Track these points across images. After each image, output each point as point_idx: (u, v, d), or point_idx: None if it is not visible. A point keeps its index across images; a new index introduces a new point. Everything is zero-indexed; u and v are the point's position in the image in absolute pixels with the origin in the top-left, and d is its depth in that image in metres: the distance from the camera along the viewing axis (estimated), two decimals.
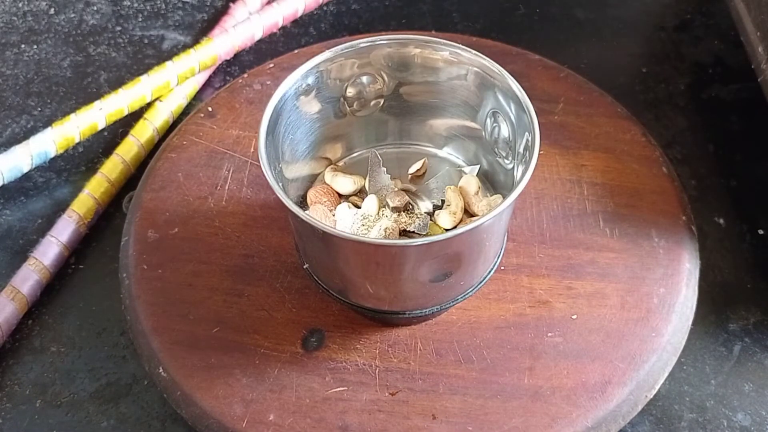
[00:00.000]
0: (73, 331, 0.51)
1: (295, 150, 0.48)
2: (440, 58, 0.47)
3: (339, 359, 0.47)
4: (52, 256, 0.52)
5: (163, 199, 0.53)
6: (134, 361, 0.49)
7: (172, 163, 0.55)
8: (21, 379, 0.49)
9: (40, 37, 0.67)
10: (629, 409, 0.45)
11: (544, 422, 0.44)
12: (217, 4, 0.69)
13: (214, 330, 0.48)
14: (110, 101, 0.58)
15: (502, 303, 0.48)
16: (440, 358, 0.47)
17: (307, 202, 0.49)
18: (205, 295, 0.49)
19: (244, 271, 0.50)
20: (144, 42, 0.67)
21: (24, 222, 0.56)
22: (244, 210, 0.53)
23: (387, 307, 0.46)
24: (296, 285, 0.49)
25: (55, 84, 0.64)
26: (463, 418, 0.44)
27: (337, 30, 0.67)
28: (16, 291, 0.50)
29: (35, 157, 0.56)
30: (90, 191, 0.55)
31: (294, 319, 0.48)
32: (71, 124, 0.57)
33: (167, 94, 0.60)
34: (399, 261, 0.42)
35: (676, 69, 0.65)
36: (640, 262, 0.49)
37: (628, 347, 0.46)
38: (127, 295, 0.49)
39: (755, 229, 0.55)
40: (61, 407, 0.48)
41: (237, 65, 0.65)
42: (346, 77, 0.48)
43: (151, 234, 0.51)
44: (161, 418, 0.48)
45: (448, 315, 0.48)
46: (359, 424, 0.44)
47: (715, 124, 0.61)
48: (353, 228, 0.48)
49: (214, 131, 0.56)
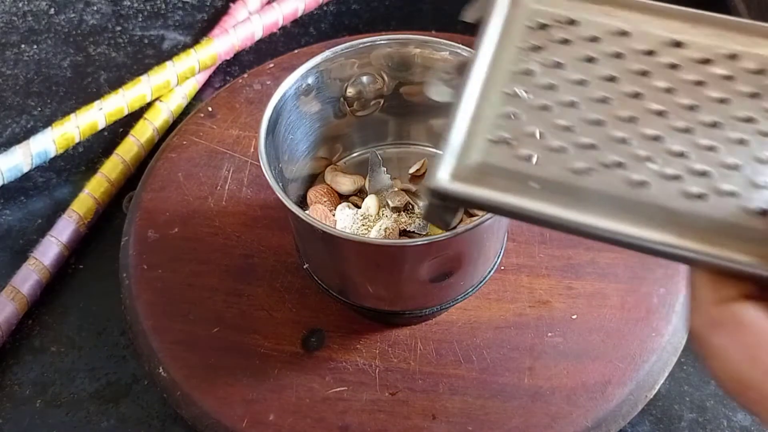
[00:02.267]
0: (73, 331, 0.51)
1: (295, 150, 0.48)
2: (440, 58, 0.47)
3: (339, 359, 0.47)
4: (52, 256, 0.52)
5: (163, 199, 0.53)
6: (134, 361, 0.49)
7: (172, 163, 0.55)
8: (21, 379, 0.49)
9: (40, 37, 0.67)
10: (629, 409, 0.45)
11: (544, 422, 0.44)
12: (217, 4, 0.69)
13: (214, 330, 0.48)
14: (110, 101, 0.58)
15: (502, 303, 0.48)
16: (440, 358, 0.47)
17: (307, 202, 0.49)
18: (205, 295, 0.49)
19: (244, 271, 0.50)
20: (144, 42, 0.67)
21: (24, 222, 0.56)
22: (244, 210, 0.52)
23: (387, 307, 0.46)
24: (296, 285, 0.49)
25: (55, 84, 0.64)
26: (463, 418, 0.44)
27: (337, 30, 0.67)
28: (16, 291, 0.50)
29: (35, 157, 0.56)
30: (90, 191, 0.55)
31: (294, 319, 0.48)
32: (71, 124, 0.57)
33: (167, 94, 0.60)
34: (399, 261, 0.42)
35: None
36: (640, 262, 0.49)
37: (628, 347, 0.46)
38: (127, 295, 0.49)
39: None
40: (61, 407, 0.48)
41: (237, 65, 0.65)
42: (346, 77, 0.48)
43: (151, 234, 0.51)
44: (161, 418, 0.48)
45: (448, 315, 0.48)
46: (359, 424, 0.44)
47: None
48: (353, 228, 0.48)
49: (214, 131, 0.56)
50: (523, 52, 0.28)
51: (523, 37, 0.28)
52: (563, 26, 0.28)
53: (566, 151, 0.27)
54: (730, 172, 0.26)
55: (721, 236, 0.25)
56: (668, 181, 0.26)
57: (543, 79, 0.28)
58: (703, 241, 0.25)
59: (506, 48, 0.28)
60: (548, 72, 0.28)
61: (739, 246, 0.25)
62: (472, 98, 0.27)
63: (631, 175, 0.26)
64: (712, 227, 0.26)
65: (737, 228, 0.26)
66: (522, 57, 0.28)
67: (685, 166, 0.26)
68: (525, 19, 0.28)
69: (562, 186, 0.26)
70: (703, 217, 0.26)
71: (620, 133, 0.27)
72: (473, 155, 0.27)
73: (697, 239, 0.26)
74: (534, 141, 0.27)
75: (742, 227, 0.25)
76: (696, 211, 0.26)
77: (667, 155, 0.26)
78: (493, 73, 0.28)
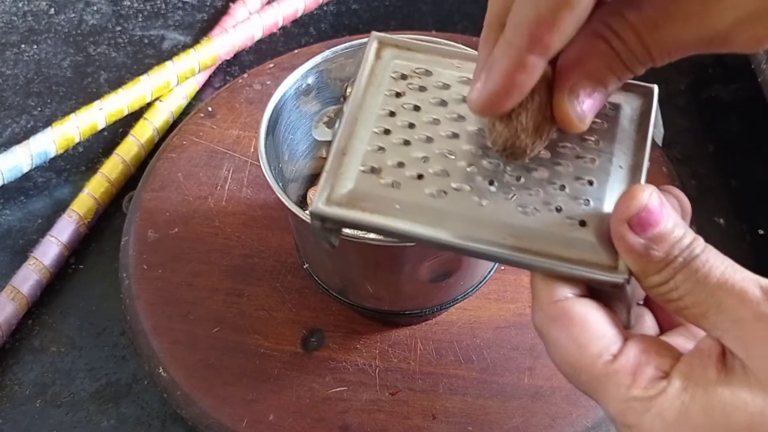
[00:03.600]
0: (73, 331, 0.51)
1: (295, 150, 0.48)
2: None
3: (339, 359, 0.47)
4: (52, 256, 0.52)
5: (163, 199, 0.53)
6: (134, 361, 0.49)
7: (172, 163, 0.55)
8: (21, 379, 0.49)
9: (40, 37, 0.67)
10: None
11: (544, 422, 0.44)
12: (217, 4, 0.69)
13: (214, 330, 0.48)
14: (110, 101, 0.58)
15: (502, 303, 0.48)
16: (440, 358, 0.47)
17: (307, 202, 0.49)
18: (205, 295, 0.49)
19: (244, 271, 0.50)
20: (144, 42, 0.67)
21: (24, 222, 0.56)
22: (244, 210, 0.53)
23: (387, 307, 0.46)
24: (296, 285, 0.49)
25: (55, 84, 0.64)
26: (463, 418, 0.44)
27: (337, 30, 0.67)
28: (16, 291, 0.50)
29: (35, 157, 0.56)
30: (90, 191, 0.55)
31: (294, 319, 0.48)
32: (71, 124, 0.57)
33: (167, 94, 0.60)
34: (399, 261, 0.42)
35: (676, 69, 0.65)
36: None
37: None
38: (127, 295, 0.49)
39: (755, 229, 0.55)
40: (61, 407, 0.48)
41: (237, 65, 0.65)
42: (346, 77, 0.48)
43: (151, 234, 0.51)
44: (161, 418, 0.48)
45: (448, 315, 0.48)
46: (359, 424, 0.44)
47: (715, 124, 0.61)
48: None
49: (214, 131, 0.56)
50: (387, 98, 0.34)
51: (388, 85, 0.34)
52: (419, 76, 0.34)
53: (422, 178, 0.32)
54: (555, 192, 0.32)
55: (551, 245, 0.31)
56: (508, 201, 0.31)
57: (404, 118, 0.33)
58: (537, 249, 0.31)
59: (374, 95, 0.34)
60: (408, 113, 0.33)
61: (565, 253, 0.30)
62: (345, 136, 0.33)
63: (478, 198, 0.31)
64: (543, 237, 0.31)
65: (562, 238, 0.31)
66: (387, 101, 0.34)
67: (520, 189, 0.32)
68: (389, 71, 0.34)
69: (420, 207, 0.31)
70: (535, 229, 0.31)
71: (467, 164, 0.32)
72: (347, 183, 0.32)
73: (532, 248, 0.31)
74: (396, 170, 0.32)
75: (566, 237, 0.31)
76: (530, 224, 0.31)
77: (505, 184, 0.32)
78: (364, 115, 0.33)
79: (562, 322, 0.30)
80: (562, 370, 0.31)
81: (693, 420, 0.28)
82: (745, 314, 0.28)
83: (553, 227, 0.31)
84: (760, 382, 0.27)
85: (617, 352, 0.29)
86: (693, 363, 0.29)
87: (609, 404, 0.29)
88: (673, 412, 0.28)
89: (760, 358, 0.27)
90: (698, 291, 0.29)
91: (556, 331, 0.30)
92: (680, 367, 0.29)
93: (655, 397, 0.28)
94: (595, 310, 0.30)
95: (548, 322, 0.30)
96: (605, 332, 0.30)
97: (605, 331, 0.30)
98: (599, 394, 0.30)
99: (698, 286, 0.29)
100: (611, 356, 0.29)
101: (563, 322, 0.30)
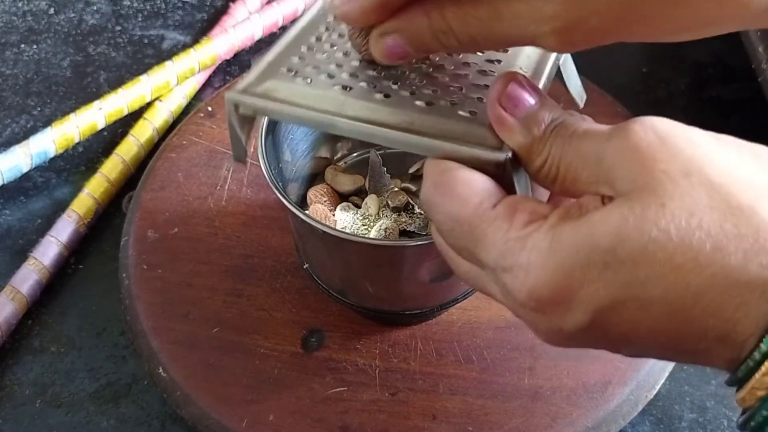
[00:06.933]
0: (73, 331, 0.51)
1: (295, 150, 0.48)
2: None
3: (339, 359, 0.47)
4: (52, 256, 0.52)
5: (163, 199, 0.53)
6: (134, 361, 0.49)
7: (172, 163, 0.55)
8: (21, 379, 0.49)
9: (40, 37, 0.67)
10: (629, 409, 0.45)
11: (544, 422, 0.44)
12: (217, 4, 0.69)
13: (214, 330, 0.48)
14: (110, 101, 0.58)
15: None
16: (440, 358, 0.46)
17: (307, 202, 0.49)
18: (205, 295, 0.49)
19: (244, 271, 0.50)
20: (144, 42, 0.67)
21: (24, 222, 0.56)
22: (244, 210, 0.52)
23: (387, 307, 0.46)
24: (296, 285, 0.49)
25: (55, 84, 0.64)
26: (463, 418, 0.44)
27: None
28: (16, 291, 0.50)
29: (35, 157, 0.56)
30: (90, 191, 0.55)
31: (294, 319, 0.48)
32: (71, 123, 0.57)
33: (167, 93, 0.60)
34: (399, 261, 0.42)
35: (676, 69, 0.65)
36: None
37: None
38: (127, 295, 0.49)
39: None
40: (61, 407, 0.48)
41: (237, 65, 0.65)
42: None
43: (151, 234, 0.51)
44: (161, 418, 0.48)
45: (448, 315, 0.48)
46: (359, 425, 0.44)
47: (715, 124, 0.61)
48: (353, 228, 0.48)
49: (213, 131, 0.56)
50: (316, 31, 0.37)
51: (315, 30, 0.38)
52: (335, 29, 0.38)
53: (333, 78, 0.35)
54: (454, 91, 0.34)
55: (442, 133, 0.33)
56: (408, 97, 0.34)
57: (327, 40, 0.37)
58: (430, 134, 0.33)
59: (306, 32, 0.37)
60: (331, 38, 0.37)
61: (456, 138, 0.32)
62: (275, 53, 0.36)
63: (381, 94, 0.34)
64: (436, 125, 0.33)
65: (455, 125, 0.33)
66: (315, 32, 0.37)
67: (421, 89, 0.34)
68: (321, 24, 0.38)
69: (326, 97, 0.34)
70: (430, 118, 0.33)
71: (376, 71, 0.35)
72: (268, 80, 0.35)
73: (425, 133, 0.33)
74: (311, 71, 0.35)
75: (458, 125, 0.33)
76: (425, 113, 0.33)
77: (407, 85, 0.34)
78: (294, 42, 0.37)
79: (448, 184, 0.31)
80: (444, 227, 0.32)
81: (564, 243, 0.28)
82: (606, 147, 0.29)
83: (446, 116, 0.33)
84: (624, 196, 0.28)
85: (497, 201, 0.31)
86: (571, 208, 0.30)
87: (489, 252, 0.30)
88: (547, 241, 0.29)
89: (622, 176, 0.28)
90: (570, 153, 0.30)
91: (440, 195, 0.31)
92: (557, 211, 0.30)
93: (531, 233, 0.29)
94: (480, 174, 0.31)
95: (433, 188, 0.32)
96: (487, 186, 0.31)
97: (487, 185, 0.31)
98: (480, 243, 0.30)
99: (567, 148, 0.30)
100: (491, 204, 0.30)
101: (449, 184, 0.31)
